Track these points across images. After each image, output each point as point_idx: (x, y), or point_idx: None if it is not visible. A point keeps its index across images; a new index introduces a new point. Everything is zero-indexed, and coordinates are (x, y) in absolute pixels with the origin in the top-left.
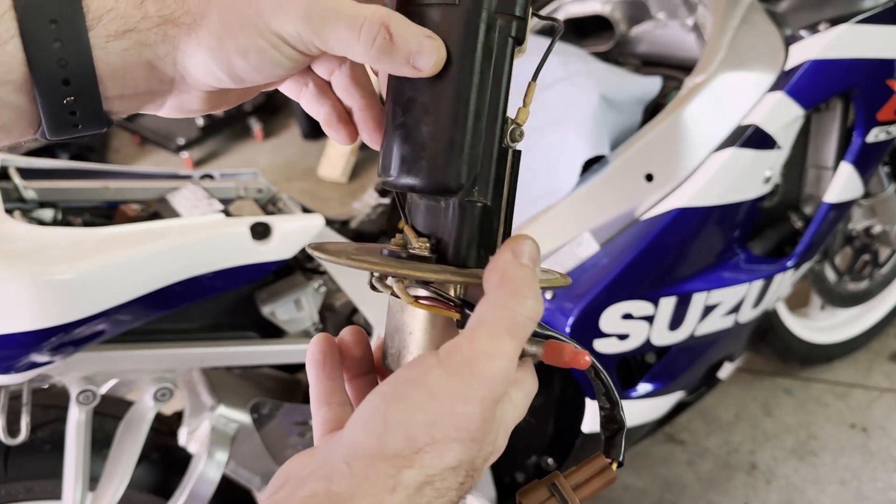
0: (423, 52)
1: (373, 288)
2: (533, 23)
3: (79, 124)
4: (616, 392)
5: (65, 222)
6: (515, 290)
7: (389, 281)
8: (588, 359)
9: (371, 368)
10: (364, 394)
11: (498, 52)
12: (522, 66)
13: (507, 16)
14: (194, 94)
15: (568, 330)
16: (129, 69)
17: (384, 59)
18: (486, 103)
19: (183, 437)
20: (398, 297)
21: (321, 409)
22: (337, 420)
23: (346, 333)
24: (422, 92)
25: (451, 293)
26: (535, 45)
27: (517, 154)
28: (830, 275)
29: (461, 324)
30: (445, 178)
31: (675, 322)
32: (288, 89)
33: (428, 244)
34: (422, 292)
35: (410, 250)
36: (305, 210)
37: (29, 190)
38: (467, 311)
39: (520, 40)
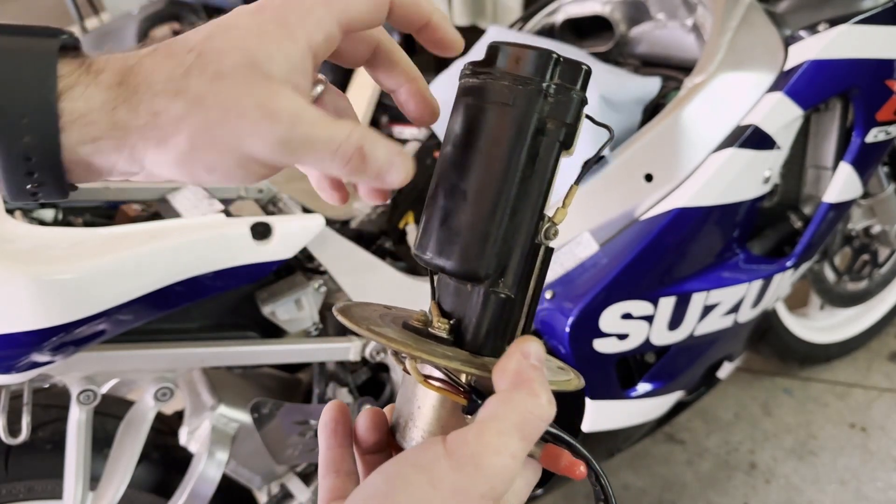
0: (392, 170)
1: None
2: (532, 23)
3: (39, 199)
4: (614, 499)
5: (65, 222)
6: (531, 389)
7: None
8: (582, 470)
9: (384, 447)
10: (372, 468)
11: (543, 155)
12: (566, 162)
13: (558, 121)
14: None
15: (568, 330)
16: (94, 166)
17: (356, 175)
18: (525, 202)
19: (183, 437)
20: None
21: (328, 476)
22: (343, 489)
23: (363, 418)
24: (466, 181)
25: (463, 378)
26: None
27: (549, 251)
28: (830, 275)
29: (467, 409)
30: (474, 267)
31: (675, 322)
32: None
33: (448, 325)
34: (435, 372)
35: (430, 329)
36: (306, 210)
37: None
38: (476, 398)
39: (567, 145)
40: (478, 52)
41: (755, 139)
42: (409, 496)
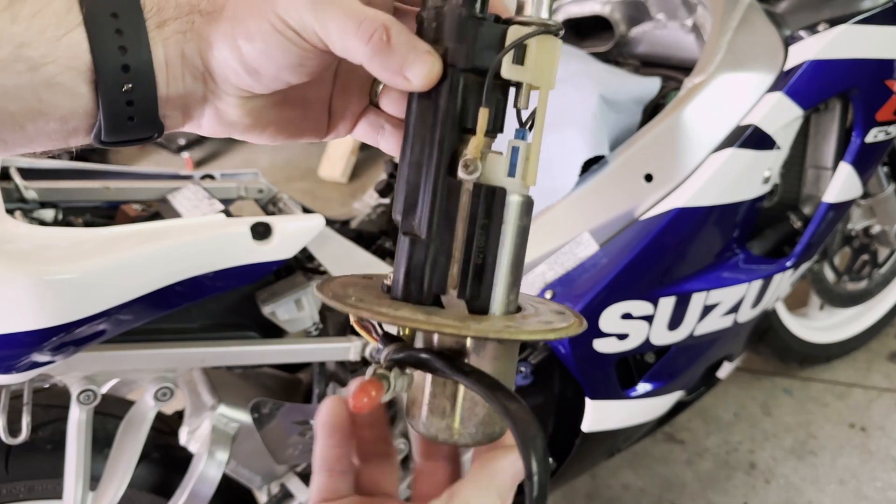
0: (417, 63)
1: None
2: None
3: (134, 117)
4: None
5: (66, 222)
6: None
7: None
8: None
9: (386, 451)
10: (369, 469)
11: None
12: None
13: (442, 46)
14: (230, 103)
15: None
16: (170, 61)
17: (377, 59)
18: (421, 137)
19: (184, 437)
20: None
21: (321, 473)
22: (335, 489)
23: (365, 418)
24: (409, 131)
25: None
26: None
27: (480, 188)
28: (829, 275)
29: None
30: (392, 212)
31: (675, 322)
32: (364, 135)
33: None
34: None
35: (385, 282)
36: (306, 210)
37: (30, 190)
38: (383, 342)
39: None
40: None
41: (755, 139)
42: None
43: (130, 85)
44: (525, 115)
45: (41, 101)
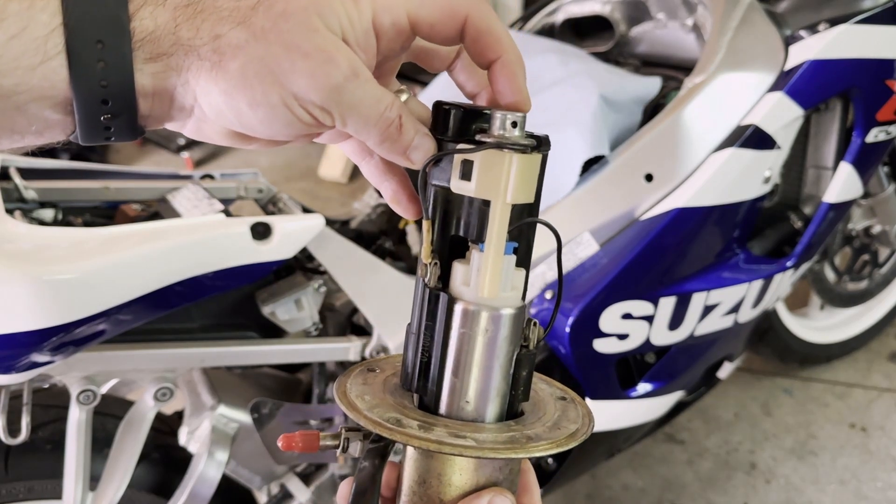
0: (419, 149)
1: None
2: (532, 23)
3: (112, 137)
4: None
5: (65, 222)
6: None
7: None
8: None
9: None
10: None
11: None
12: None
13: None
14: (212, 126)
15: (568, 330)
16: (157, 92)
17: (386, 144)
18: None
19: (183, 437)
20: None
21: None
22: None
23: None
24: None
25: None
26: (537, 44)
27: (427, 290)
28: (830, 275)
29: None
30: None
31: (675, 322)
32: (351, 154)
33: None
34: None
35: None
36: (306, 210)
37: (29, 190)
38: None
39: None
40: None
41: (755, 139)
42: None
43: (109, 115)
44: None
45: (13, 122)
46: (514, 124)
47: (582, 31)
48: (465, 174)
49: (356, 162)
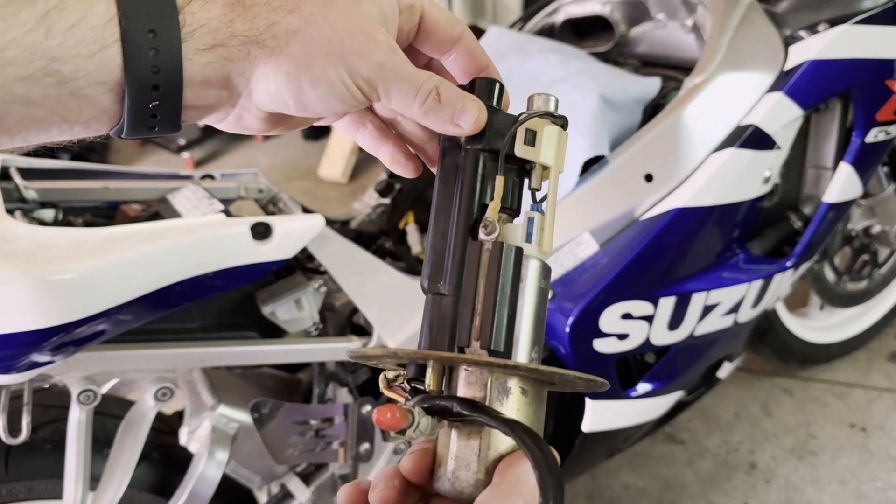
0: (466, 113)
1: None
2: (532, 23)
3: (156, 126)
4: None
5: (66, 222)
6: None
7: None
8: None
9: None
10: None
11: (454, 164)
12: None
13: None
14: (255, 114)
15: (568, 330)
16: (207, 81)
17: (431, 115)
18: (447, 213)
19: (184, 437)
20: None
21: None
22: None
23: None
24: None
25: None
26: (537, 44)
27: (500, 246)
28: (830, 275)
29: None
30: (420, 280)
31: (675, 322)
32: (346, 128)
33: None
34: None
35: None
36: (306, 210)
37: (30, 190)
38: (410, 400)
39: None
40: None
41: (755, 139)
42: None
43: (157, 102)
44: (539, 196)
45: (66, 109)
46: (556, 104)
47: (582, 31)
48: (530, 140)
49: (352, 136)
